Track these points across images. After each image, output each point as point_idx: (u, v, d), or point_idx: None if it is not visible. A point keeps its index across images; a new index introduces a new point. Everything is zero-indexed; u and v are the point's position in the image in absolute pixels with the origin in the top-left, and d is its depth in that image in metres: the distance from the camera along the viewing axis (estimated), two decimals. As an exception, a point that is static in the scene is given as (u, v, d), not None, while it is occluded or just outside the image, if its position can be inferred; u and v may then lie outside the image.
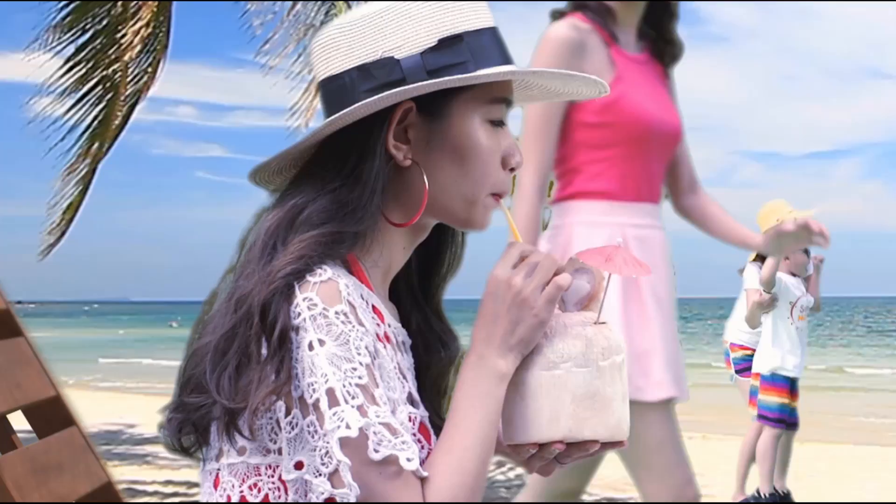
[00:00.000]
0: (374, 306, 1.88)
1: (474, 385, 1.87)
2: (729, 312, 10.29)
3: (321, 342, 1.72)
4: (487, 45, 1.96)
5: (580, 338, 1.90)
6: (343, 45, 1.94)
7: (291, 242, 1.82)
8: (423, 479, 1.76)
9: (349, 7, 12.06)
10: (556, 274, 1.91)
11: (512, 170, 2.03)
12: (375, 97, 1.87)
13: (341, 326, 1.74)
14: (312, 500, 1.75)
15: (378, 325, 1.87)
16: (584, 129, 3.89)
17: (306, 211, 1.87)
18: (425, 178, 1.94)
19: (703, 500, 9.89)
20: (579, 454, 1.94)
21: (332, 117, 1.90)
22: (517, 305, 1.87)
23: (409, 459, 1.72)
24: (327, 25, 2.02)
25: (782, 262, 9.24)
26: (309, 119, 12.45)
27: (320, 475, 1.71)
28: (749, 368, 9.73)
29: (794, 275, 9.44)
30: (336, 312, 1.75)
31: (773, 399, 9.32)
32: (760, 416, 9.38)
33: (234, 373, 1.75)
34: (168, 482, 10.84)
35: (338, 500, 1.71)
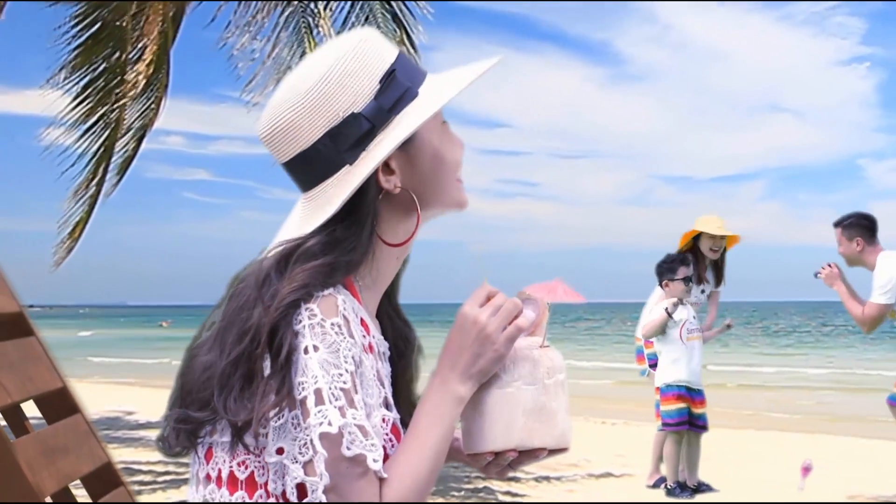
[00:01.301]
0: (362, 319, 1.87)
1: (435, 406, 1.89)
2: None
3: (315, 348, 1.73)
4: (409, 66, 1.98)
5: (528, 360, 1.96)
6: (301, 122, 1.90)
7: (294, 271, 1.80)
8: (382, 480, 1.77)
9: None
10: (516, 316, 1.93)
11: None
12: (362, 156, 1.88)
13: (334, 336, 1.75)
14: (287, 483, 1.75)
15: (364, 336, 1.86)
16: None
17: (304, 246, 1.85)
18: (418, 197, 1.95)
19: (624, 476, 9.90)
20: (529, 460, 1.98)
21: (348, 191, 1.87)
22: (480, 340, 1.89)
23: (374, 460, 1.74)
24: (268, 113, 1.96)
25: (665, 290, 9.35)
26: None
27: (297, 462, 1.72)
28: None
29: (682, 302, 9.37)
30: (332, 324, 1.76)
31: (671, 407, 9.34)
32: (664, 424, 9.42)
33: (239, 394, 1.74)
34: (160, 462, 10.75)
35: (308, 486, 1.72)
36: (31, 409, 2.65)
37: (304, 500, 1.75)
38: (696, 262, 9.75)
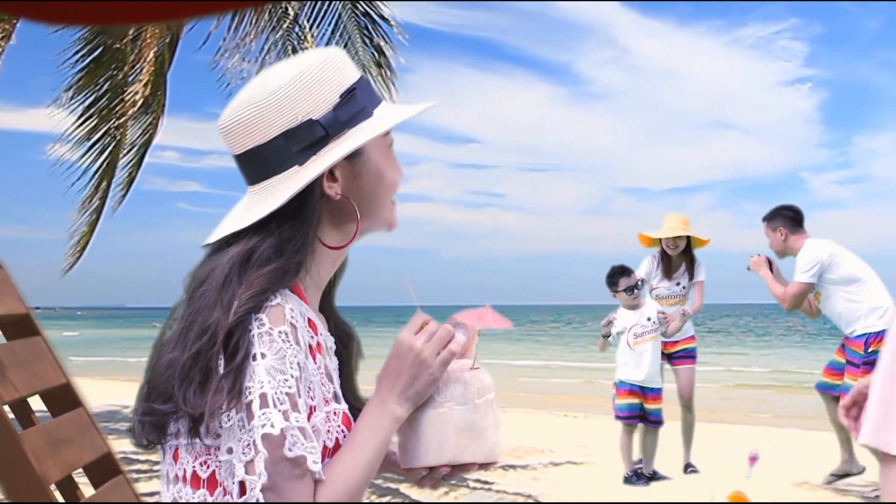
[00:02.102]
0: (310, 320, 1.88)
1: (373, 421, 1.92)
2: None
3: (263, 355, 1.74)
4: (368, 89, 2.00)
5: (460, 382, 1.99)
6: (262, 118, 1.91)
7: (251, 277, 1.81)
8: (318, 482, 1.79)
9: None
10: (448, 342, 1.97)
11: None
12: (312, 158, 1.90)
13: (281, 344, 1.76)
14: (231, 482, 1.77)
15: (312, 336, 1.87)
16: None
17: (259, 250, 1.85)
18: (356, 207, 1.96)
19: (585, 464, 9.83)
20: (461, 473, 2.04)
21: (294, 189, 1.88)
22: (416, 365, 1.93)
23: (314, 462, 1.76)
24: (232, 107, 1.96)
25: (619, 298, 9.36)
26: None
27: (240, 461, 1.73)
28: None
29: (631, 308, 9.35)
30: (279, 332, 1.77)
31: (623, 401, 9.34)
32: (616, 417, 9.44)
33: (199, 387, 1.74)
34: (157, 453, 10.69)
35: (247, 484, 1.73)
36: (37, 403, 2.66)
37: (241, 499, 1.76)
38: (664, 259, 9.72)
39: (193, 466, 1.84)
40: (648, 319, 9.31)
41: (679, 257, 9.69)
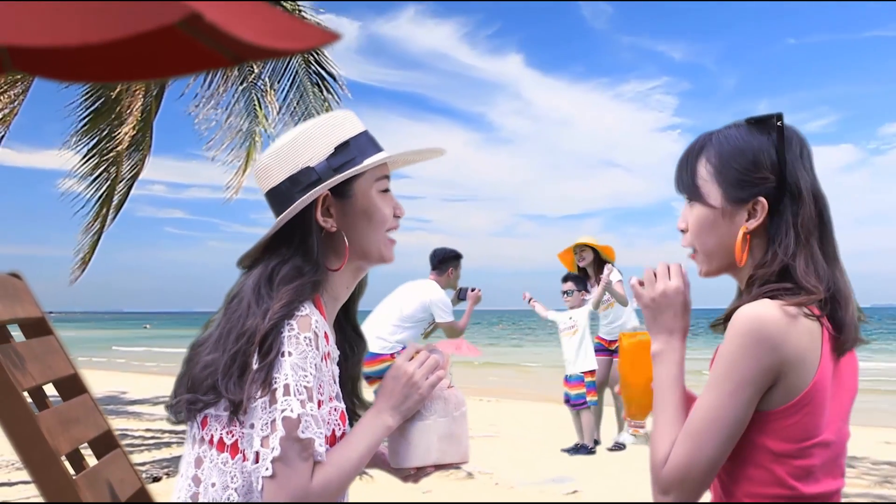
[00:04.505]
0: (325, 333, 1.88)
1: (367, 428, 1.96)
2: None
3: (290, 353, 1.77)
4: (364, 142, 2.01)
5: (441, 398, 2.04)
6: (274, 166, 1.97)
7: (282, 290, 1.84)
8: (317, 463, 1.79)
9: (266, 118, 12.18)
10: (436, 369, 2.04)
11: (398, 217, 2.07)
12: (305, 195, 1.92)
13: (305, 347, 1.79)
14: (249, 451, 1.79)
15: (326, 346, 1.87)
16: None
17: (281, 271, 1.88)
18: (345, 237, 1.97)
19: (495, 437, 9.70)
20: (439, 471, 2.10)
21: (283, 214, 1.93)
22: (408, 386, 2.00)
23: (320, 445, 1.78)
24: (262, 155, 2.03)
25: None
26: (238, 191, 12.78)
27: (259, 436, 1.76)
28: None
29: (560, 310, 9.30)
30: (304, 337, 1.79)
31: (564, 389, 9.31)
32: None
33: (237, 379, 1.77)
34: (148, 430, 10.68)
35: (260, 455, 1.75)
36: (50, 390, 2.63)
37: (254, 467, 1.78)
38: (581, 271, 9.39)
39: (221, 434, 1.84)
40: (570, 318, 9.30)
41: (592, 269, 9.34)
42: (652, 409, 1.90)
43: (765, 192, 1.81)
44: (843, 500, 1.85)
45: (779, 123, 1.83)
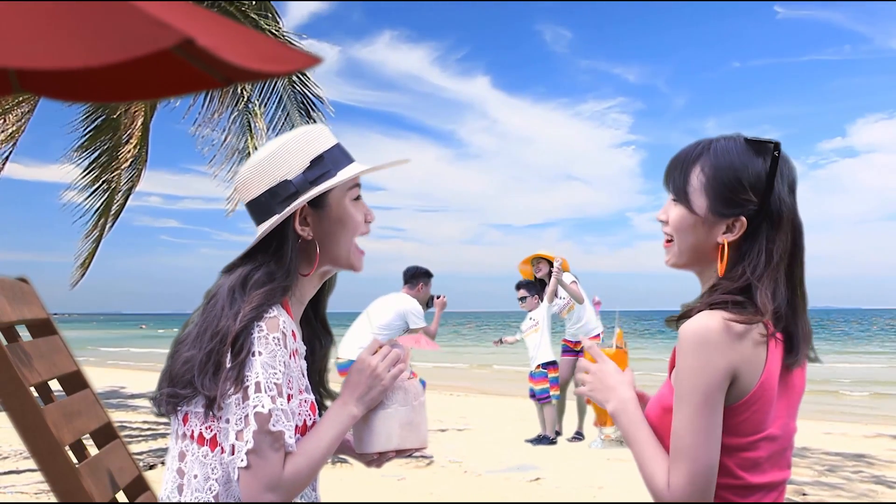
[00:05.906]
0: (293, 331, 1.87)
1: (334, 418, 1.93)
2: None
3: (260, 353, 1.76)
4: (338, 154, 1.98)
5: (401, 389, 2.03)
6: (254, 179, 1.94)
7: (253, 294, 1.82)
8: (288, 454, 1.79)
9: (255, 136, 12.19)
10: (397, 362, 2.03)
11: (369, 222, 2.04)
12: (287, 209, 1.90)
13: (274, 346, 1.78)
14: (225, 444, 1.80)
15: (293, 343, 1.86)
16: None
17: (254, 276, 1.87)
18: (318, 245, 1.95)
19: (466, 430, 9.73)
20: (400, 457, 2.08)
21: (265, 225, 1.92)
22: (371, 378, 1.99)
23: (290, 437, 1.78)
24: (242, 169, 1.98)
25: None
26: (237, 205, 12.57)
27: (233, 430, 1.76)
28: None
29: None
30: (273, 337, 1.79)
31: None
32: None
33: (212, 376, 1.77)
34: (145, 422, 10.64)
35: (235, 447, 1.76)
36: (55, 386, 2.60)
37: (229, 459, 1.79)
38: (539, 282, 9.40)
39: (200, 429, 1.84)
40: (531, 318, 9.33)
41: (548, 280, 9.29)
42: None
43: (747, 212, 1.78)
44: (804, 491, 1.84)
45: (775, 153, 1.79)
